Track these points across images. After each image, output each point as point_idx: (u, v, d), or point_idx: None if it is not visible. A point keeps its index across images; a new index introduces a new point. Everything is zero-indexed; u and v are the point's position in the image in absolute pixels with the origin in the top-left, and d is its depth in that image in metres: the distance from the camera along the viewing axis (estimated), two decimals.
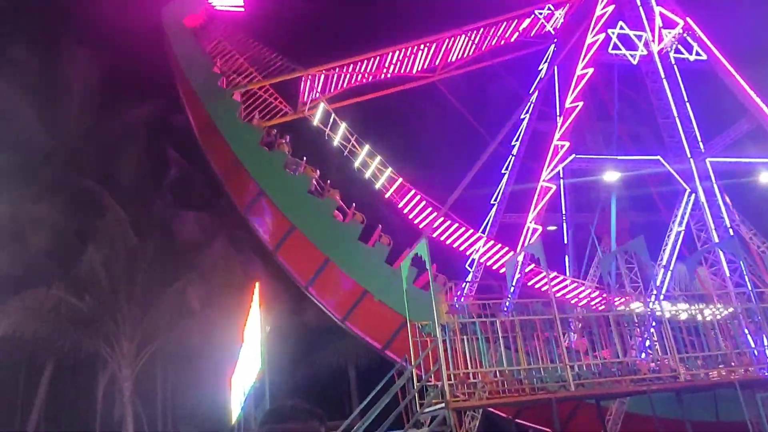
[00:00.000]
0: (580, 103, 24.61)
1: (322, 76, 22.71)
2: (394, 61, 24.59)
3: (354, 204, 19.48)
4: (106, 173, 29.28)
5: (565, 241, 28.63)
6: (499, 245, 24.30)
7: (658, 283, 22.91)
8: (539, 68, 28.57)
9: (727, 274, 22.24)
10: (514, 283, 21.85)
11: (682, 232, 23.93)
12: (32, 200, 26.90)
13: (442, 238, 23.26)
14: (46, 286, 26.70)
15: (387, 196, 22.14)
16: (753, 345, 17.17)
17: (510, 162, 27.47)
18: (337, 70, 23.12)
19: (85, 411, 29.09)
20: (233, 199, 20.86)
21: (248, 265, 27.86)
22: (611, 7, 26.21)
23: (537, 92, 27.27)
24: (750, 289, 18.78)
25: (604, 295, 24.80)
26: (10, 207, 25.75)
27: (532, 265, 23.36)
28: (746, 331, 17.36)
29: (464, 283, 25.35)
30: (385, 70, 24.51)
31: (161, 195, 30.26)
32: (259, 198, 19.43)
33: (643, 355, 17.80)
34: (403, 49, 24.27)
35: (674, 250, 23.87)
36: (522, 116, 27.38)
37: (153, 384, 30.50)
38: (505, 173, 27.49)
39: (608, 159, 24.95)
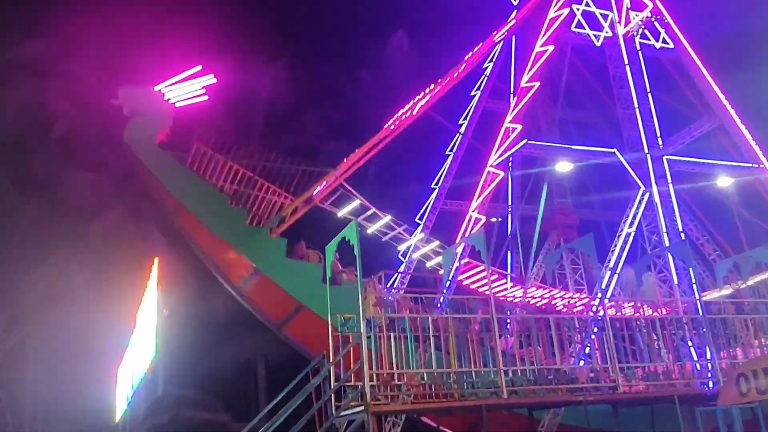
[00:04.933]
0: (537, 84, 24.99)
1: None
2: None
3: None
4: None
5: (509, 234, 29.31)
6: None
7: (603, 287, 23.69)
8: (495, 39, 28.50)
9: (675, 282, 23.32)
10: (450, 277, 22.67)
11: (632, 234, 24.94)
12: None
13: None
14: None
15: None
16: (696, 358, 17.72)
17: (456, 142, 27.44)
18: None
19: None
20: None
21: (147, 239, 26.63)
22: None
23: (492, 65, 26.94)
24: (698, 298, 19.59)
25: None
26: None
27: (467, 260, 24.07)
28: (690, 342, 17.97)
29: (395, 274, 25.87)
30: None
31: (47, 150, 28.72)
32: None
33: (582, 362, 17.91)
34: None
35: (623, 253, 25.08)
36: (473, 92, 27.04)
37: (21, 375, 29.11)
38: (449, 155, 27.33)
39: (561, 147, 25.68)
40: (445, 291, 21.37)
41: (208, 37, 28.02)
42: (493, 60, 27.86)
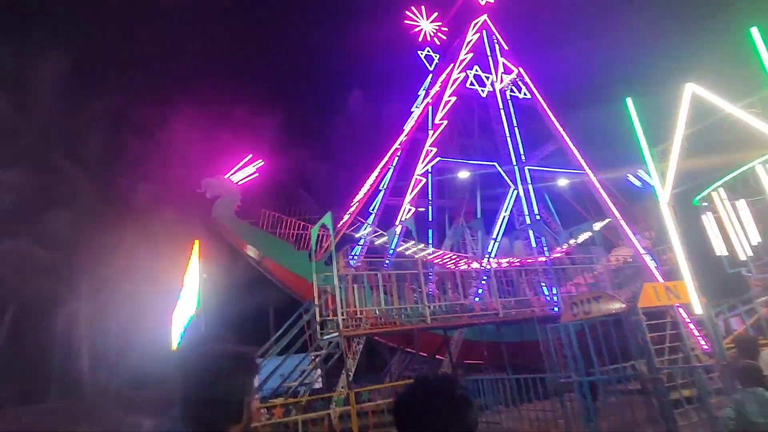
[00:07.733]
0: (445, 122, 36.00)
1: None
2: None
3: None
4: (75, 151, 36.84)
5: (430, 219, 38.33)
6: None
7: (490, 250, 29.48)
8: (418, 93, 40.34)
9: (534, 245, 29.64)
10: (393, 247, 28.34)
11: (507, 217, 32.88)
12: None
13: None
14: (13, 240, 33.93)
15: None
16: (546, 293, 22.81)
17: (395, 159, 37.83)
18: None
19: (44, 347, 35.37)
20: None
21: (191, 227, 33.11)
22: (470, 55, 37.97)
23: (419, 109, 38.43)
24: (547, 255, 24.77)
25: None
26: None
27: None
28: (542, 283, 23.33)
29: (356, 247, 32.89)
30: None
31: (124, 171, 38.07)
32: None
33: (477, 299, 21.99)
34: None
35: (501, 228, 32.35)
36: (405, 126, 38.48)
37: (105, 324, 36.61)
38: (390, 168, 37.73)
39: (461, 162, 36.18)
40: (389, 257, 26.27)
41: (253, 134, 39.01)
42: (419, 106, 38.74)
